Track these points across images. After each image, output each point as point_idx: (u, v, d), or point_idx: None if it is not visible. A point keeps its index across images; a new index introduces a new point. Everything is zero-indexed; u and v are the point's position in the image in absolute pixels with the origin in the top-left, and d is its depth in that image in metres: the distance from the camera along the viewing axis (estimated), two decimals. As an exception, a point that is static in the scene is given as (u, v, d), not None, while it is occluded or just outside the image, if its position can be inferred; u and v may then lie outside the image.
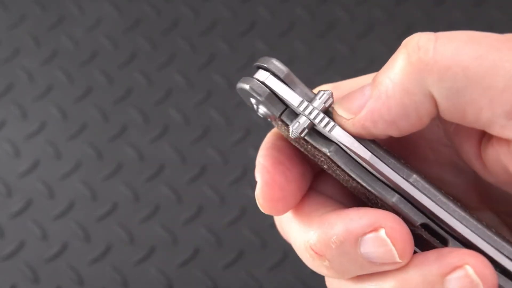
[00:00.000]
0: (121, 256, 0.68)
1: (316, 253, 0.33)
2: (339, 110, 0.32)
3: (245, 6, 0.78)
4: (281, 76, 0.32)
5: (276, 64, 0.32)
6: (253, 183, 0.71)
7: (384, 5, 0.77)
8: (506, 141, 0.30)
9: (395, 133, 0.31)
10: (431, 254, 0.31)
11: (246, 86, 0.33)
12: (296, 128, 0.32)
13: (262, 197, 0.35)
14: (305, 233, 0.34)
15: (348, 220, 0.32)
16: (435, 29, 0.38)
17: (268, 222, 0.68)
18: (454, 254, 0.30)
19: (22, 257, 0.68)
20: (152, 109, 0.74)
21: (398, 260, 0.31)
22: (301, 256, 0.35)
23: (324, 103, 0.32)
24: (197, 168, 0.71)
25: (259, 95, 0.32)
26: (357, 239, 0.31)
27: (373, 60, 0.74)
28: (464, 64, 0.29)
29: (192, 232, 0.68)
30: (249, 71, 0.74)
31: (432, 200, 0.32)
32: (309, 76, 0.74)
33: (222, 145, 0.71)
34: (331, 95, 0.32)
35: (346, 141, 0.32)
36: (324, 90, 0.32)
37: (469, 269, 0.30)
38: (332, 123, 0.32)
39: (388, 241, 0.31)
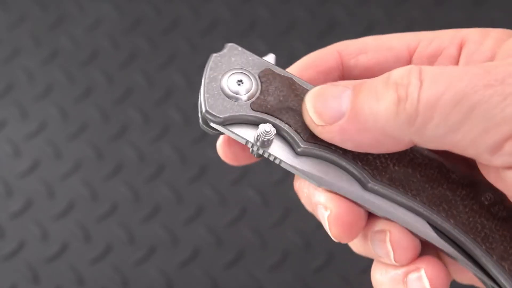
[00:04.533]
0: (121, 256, 0.68)
1: None
2: (311, 110, 0.33)
3: (245, 6, 0.78)
4: (219, 124, 0.34)
5: (209, 112, 0.34)
6: (253, 183, 0.71)
7: (384, 5, 0.77)
8: (495, 167, 0.31)
9: (362, 151, 0.33)
10: None
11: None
12: (254, 155, 0.36)
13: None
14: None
15: None
16: (435, 29, 0.38)
17: (268, 222, 0.69)
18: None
19: (22, 257, 0.68)
20: (152, 109, 0.74)
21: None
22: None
23: (264, 143, 0.34)
24: (197, 168, 0.71)
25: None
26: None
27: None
28: (445, 112, 0.30)
29: (192, 232, 0.68)
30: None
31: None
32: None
33: (222, 145, 0.71)
34: (269, 136, 0.34)
35: (287, 167, 0.35)
36: (263, 133, 0.34)
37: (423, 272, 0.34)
38: (273, 158, 0.35)
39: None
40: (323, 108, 0.32)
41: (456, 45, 0.36)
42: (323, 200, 0.34)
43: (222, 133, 0.35)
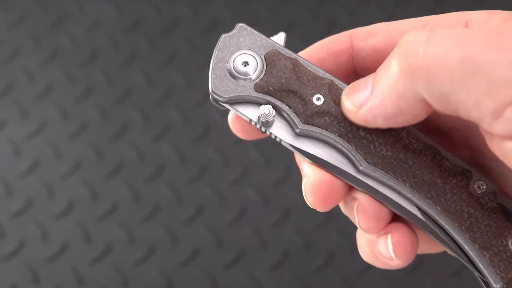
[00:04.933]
0: (121, 256, 0.68)
1: None
2: (346, 102, 0.35)
3: (245, 6, 0.78)
4: (225, 103, 0.36)
5: (215, 92, 0.36)
6: (253, 183, 0.72)
7: (384, 5, 0.77)
8: (495, 135, 0.32)
9: (395, 126, 0.34)
10: None
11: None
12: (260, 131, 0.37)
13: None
14: None
15: None
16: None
17: (268, 222, 0.69)
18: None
19: (22, 257, 0.68)
20: (152, 109, 0.74)
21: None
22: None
23: (265, 123, 0.36)
24: (197, 168, 0.71)
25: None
26: None
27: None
28: (450, 68, 0.30)
29: (192, 232, 0.68)
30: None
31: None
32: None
33: (222, 145, 0.71)
34: (268, 117, 0.36)
35: (287, 146, 0.37)
36: (263, 114, 0.36)
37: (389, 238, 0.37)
38: (273, 136, 0.36)
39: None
40: (354, 96, 0.35)
41: (461, 26, 0.36)
42: (305, 169, 0.36)
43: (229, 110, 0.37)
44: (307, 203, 0.36)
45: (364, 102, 0.34)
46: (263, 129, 0.36)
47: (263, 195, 0.69)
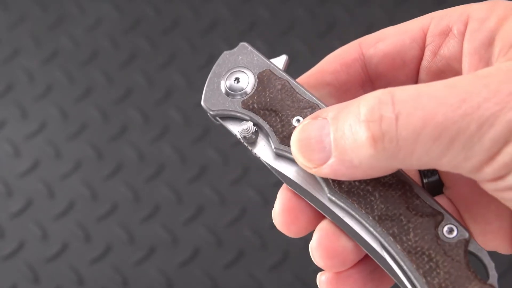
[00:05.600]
0: (121, 256, 0.68)
1: None
2: (299, 157, 0.34)
3: (245, 6, 0.78)
4: (212, 117, 0.38)
5: (204, 105, 0.38)
6: (253, 183, 0.72)
7: (384, 5, 0.77)
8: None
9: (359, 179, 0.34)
10: None
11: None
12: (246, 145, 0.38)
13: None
14: None
15: None
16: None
17: (268, 222, 0.69)
18: None
19: (22, 257, 0.68)
20: (152, 109, 0.74)
21: None
22: None
23: (247, 140, 0.37)
24: (197, 168, 0.71)
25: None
26: None
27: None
28: (427, 146, 0.31)
29: (192, 232, 0.68)
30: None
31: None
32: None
33: (222, 145, 0.71)
34: (247, 133, 0.37)
35: (264, 163, 0.38)
36: (242, 130, 0.37)
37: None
38: (254, 154, 0.38)
39: None
40: (310, 153, 0.34)
41: (463, 21, 0.36)
42: (278, 195, 0.38)
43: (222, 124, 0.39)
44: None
45: (324, 160, 0.33)
46: (249, 147, 0.38)
47: (263, 195, 0.69)
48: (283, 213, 0.37)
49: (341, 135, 0.32)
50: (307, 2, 0.78)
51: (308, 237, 0.69)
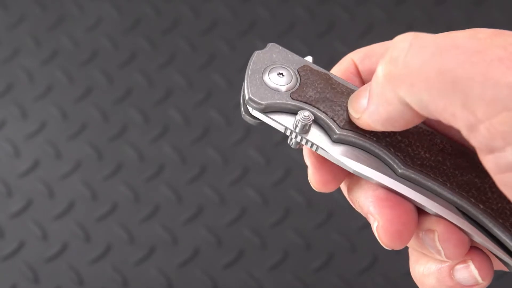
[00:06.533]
0: (121, 256, 0.68)
1: None
2: (350, 109, 0.36)
3: (245, 6, 0.78)
4: (261, 110, 0.37)
5: (252, 99, 0.37)
6: (253, 183, 0.72)
7: (384, 5, 0.77)
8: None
9: (394, 129, 0.35)
10: None
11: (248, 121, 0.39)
12: (292, 145, 0.38)
13: None
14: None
15: None
16: (435, 29, 0.38)
17: (268, 222, 0.69)
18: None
19: (22, 257, 0.68)
20: (152, 109, 0.74)
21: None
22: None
23: (303, 129, 0.36)
24: (197, 168, 0.71)
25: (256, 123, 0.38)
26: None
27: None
28: (428, 79, 0.31)
29: (192, 232, 0.68)
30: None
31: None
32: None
33: (222, 145, 0.71)
34: (308, 120, 0.36)
35: (323, 153, 0.37)
36: (302, 117, 0.36)
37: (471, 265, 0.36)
38: (310, 144, 0.37)
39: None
40: (357, 103, 0.36)
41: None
42: (372, 210, 0.36)
43: (262, 122, 0.38)
44: (383, 246, 0.36)
45: (364, 109, 0.35)
46: (298, 138, 0.37)
47: (263, 195, 0.69)
48: (392, 228, 0.36)
49: (375, 74, 0.34)
50: (307, 2, 0.78)
51: (308, 236, 0.70)
